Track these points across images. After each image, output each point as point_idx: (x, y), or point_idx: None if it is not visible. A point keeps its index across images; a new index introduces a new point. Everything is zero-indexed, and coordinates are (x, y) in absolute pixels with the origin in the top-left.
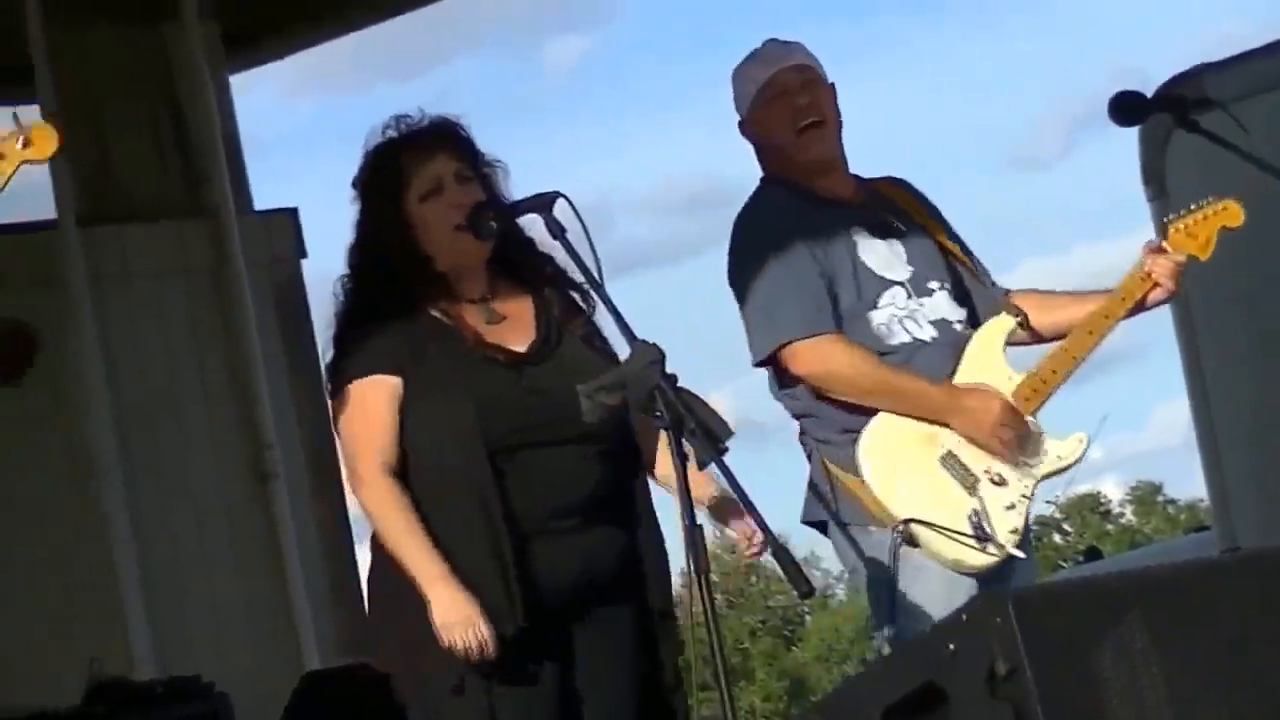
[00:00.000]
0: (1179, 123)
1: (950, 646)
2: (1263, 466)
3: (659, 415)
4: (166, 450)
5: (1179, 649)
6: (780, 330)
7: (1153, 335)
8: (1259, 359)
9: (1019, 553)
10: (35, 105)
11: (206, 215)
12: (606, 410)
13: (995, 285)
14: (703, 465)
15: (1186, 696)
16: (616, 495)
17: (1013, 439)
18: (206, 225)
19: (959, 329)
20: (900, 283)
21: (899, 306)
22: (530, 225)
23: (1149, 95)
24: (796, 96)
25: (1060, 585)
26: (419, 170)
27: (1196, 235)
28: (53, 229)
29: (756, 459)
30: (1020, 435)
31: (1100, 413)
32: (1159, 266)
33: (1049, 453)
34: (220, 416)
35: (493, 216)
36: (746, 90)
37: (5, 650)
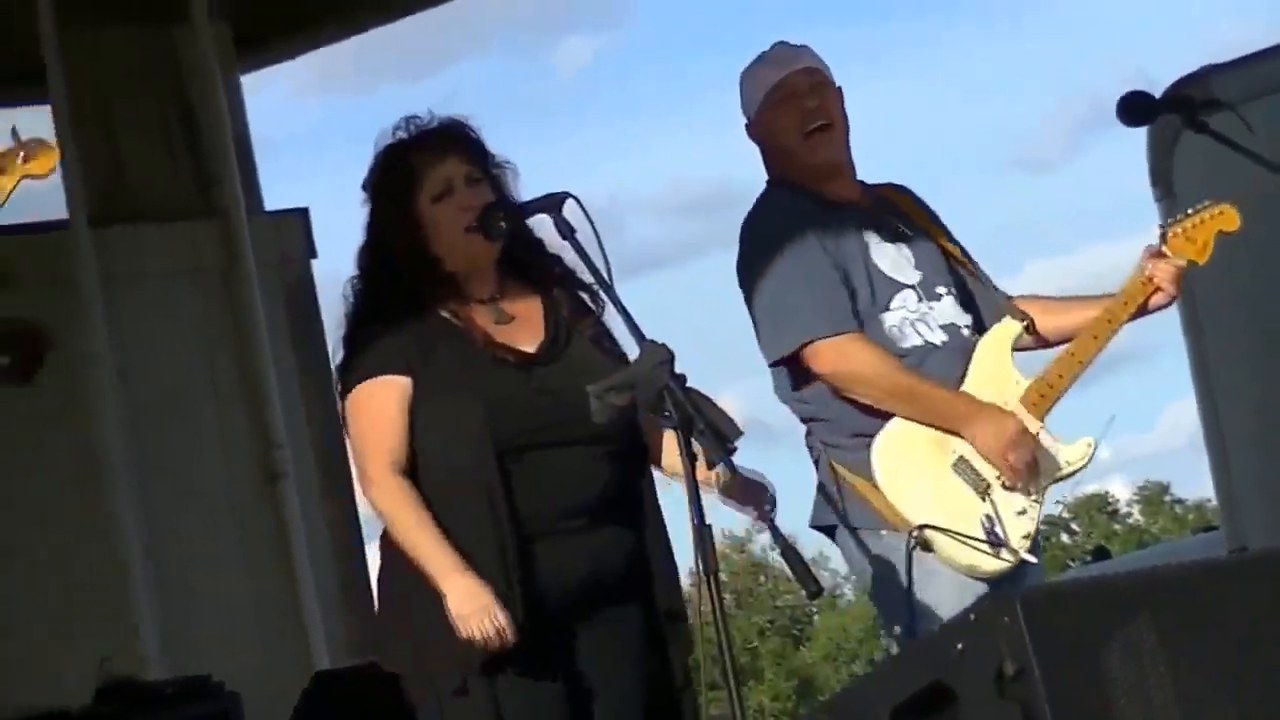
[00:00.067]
0: (1187, 123)
1: (958, 646)
2: (1270, 467)
3: (668, 415)
4: (176, 450)
5: (1187, 649)
6: (803, 328)
7: (1160, 336)
8: (1267, 359)
9: (1032, 558)
10: (47, 106)
11: (217, 215)
12: (616, 411)
13: (998, 290)
14: (711, 465)
15: (1194, 696)
16: (624, 496)
17: (1022, 466)
18: (217, 225)
19: (966, 334)
20: (911, 286)
21: (910, 309)
22: (539, 226)
23: (1156, 96)
24: (805, 99)
25: (1068, 585)
26: (429, 172)
27: (1195, 240)
28: (64, 229)
29: (765, 459)
30: (1029, 464)
31: (1108, 413)
32: (1160, 271)
33: (1057, 458)
34: (230, 416)
35: (502, 217)
36: (755, 93)
37: (15, 650)
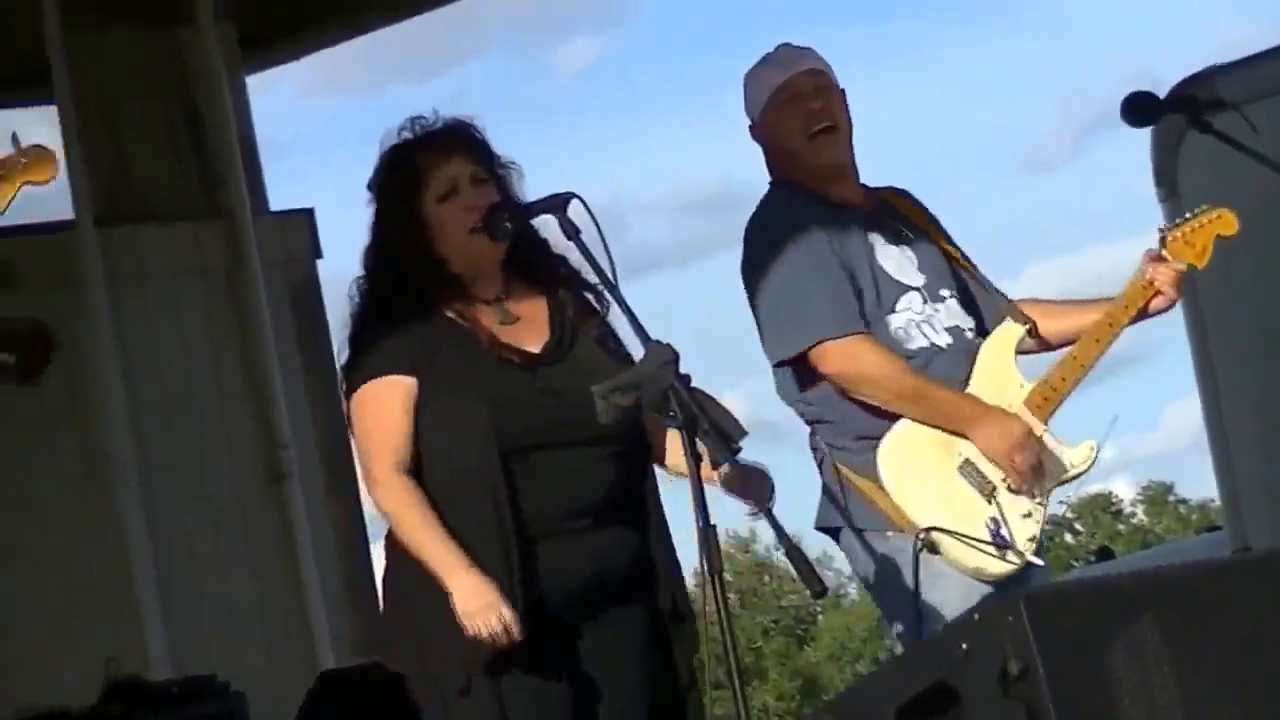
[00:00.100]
0: (1192, 124)
1: (963, 646)
2: (1274, 467)
3: (673, 415)
4: (182, 450)
5: (1191, 649)
6: (812, 328)
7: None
8: (1271, 359)
9: (1038, 560)
10: (52, 106)
11: (222, 216)
12: (621, 411)
13: (998, 293)
14: (716, 465)
15: (1198, 696)
16: (628, 496)
17: (1027, 469)
18: (222, 226)
19: (970, 336)
20: (916, 288)
21: (916, 312)
22: (544, 226)
23: (1161, 96)
24: (809, 101)
25: (1072, 585)
26: (434, 172)
27: (1194, 244)
28: (70, 229)
29: (769, 459)
30: (1034, 466)
31: (1111, 414)
32: (1160, 275)
33: (1062, 460)
34: (236, 416)
35: (508, 218)
36: (759, 94)
37: (21, 649)
